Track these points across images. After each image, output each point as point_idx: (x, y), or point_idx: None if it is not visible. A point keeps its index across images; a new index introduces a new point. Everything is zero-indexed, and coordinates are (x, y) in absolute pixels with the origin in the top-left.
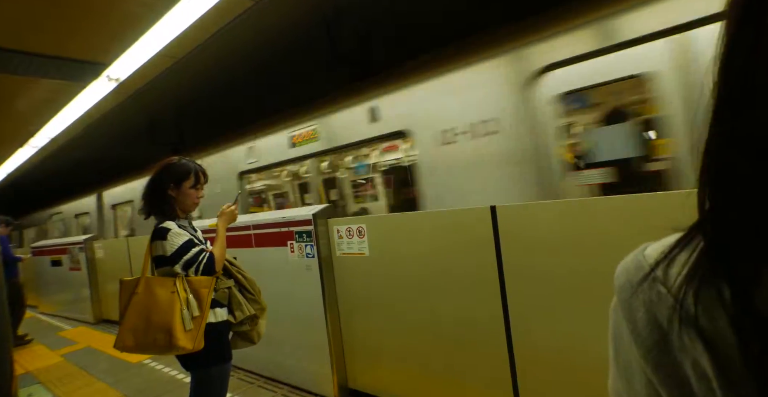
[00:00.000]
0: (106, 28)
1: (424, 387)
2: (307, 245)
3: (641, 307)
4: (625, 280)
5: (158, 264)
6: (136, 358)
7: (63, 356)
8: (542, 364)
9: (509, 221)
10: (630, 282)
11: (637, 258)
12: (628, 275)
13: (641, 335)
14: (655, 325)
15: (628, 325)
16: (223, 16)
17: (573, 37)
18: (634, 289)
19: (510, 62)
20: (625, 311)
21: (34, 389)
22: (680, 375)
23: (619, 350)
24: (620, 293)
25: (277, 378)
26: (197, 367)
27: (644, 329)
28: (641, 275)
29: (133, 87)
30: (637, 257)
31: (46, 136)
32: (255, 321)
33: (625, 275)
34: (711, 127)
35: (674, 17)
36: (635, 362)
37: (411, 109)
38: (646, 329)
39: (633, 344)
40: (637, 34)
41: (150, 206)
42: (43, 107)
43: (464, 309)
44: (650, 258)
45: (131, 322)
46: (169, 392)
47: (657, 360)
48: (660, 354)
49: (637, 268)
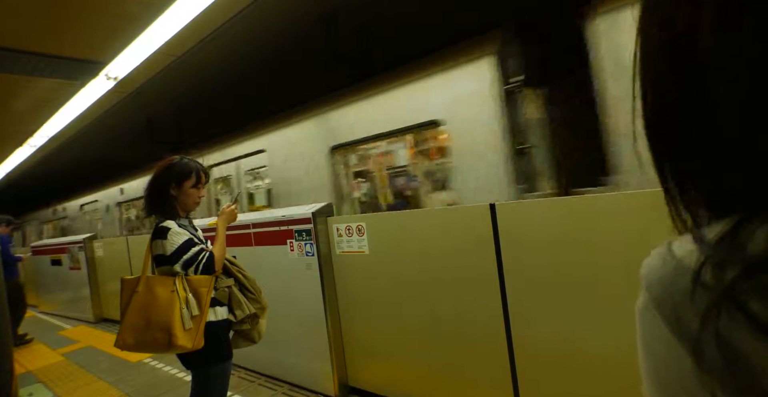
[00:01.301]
0: (104, 27)
1: (424, 384)
2: (306, 244)
3: (707, 325)
4: (659, 284)
5: (158, 263)
6: (136, 357)
7: (64, 355)
8: (542, 361)
9: (508, 219)
10: (666, 286)
11: (666, 259)
12: (662, 281)
13: (710, 358)
14: (725, 345)
15: (692, 350)
16: (222, 13)
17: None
18: (676, 297)
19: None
20: (672, 324)
21: (34, 389)
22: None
23: (658, 366)
24: (656, 300)
25: (278, 376)
26: (198, 365)
27: (712, 350)
28: (684, 281)
29: (132, 86)
30: (666, 258)
31: (44, 135)
32: (255, 320)
33: (658, 281)
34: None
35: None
36: (687, 381)
37: None
38: (716, 351)
39: (687, 359)
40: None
41: (151, 205)
42: (42, 106)
43: (464, 306)
44: (689, 256)
45: (132, 320)
46: (170, 391)
47: (733, 386)
48: (736, 379)
49: (673, 272)
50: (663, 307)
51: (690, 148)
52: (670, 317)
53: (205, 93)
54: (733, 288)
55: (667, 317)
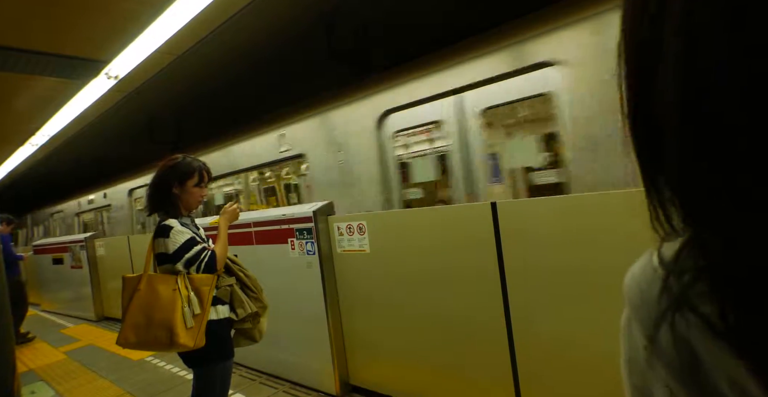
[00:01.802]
0: (104, 26)
1: (425, 383)
2: (307, 242)
3: (663, 323)
4: (638, 292)
5: (160, 261)
6: (138, 355)
7: (65, 354)
8: (543, 359)
9: (509, 217)
10: (644, 295)
11: (646, 267)
12: (640, 288)
13: (667, 354)
14: (681, 342)
15: (648, 343)
16: (223, 12)
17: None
18: (651, 304)
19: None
20: (645, 327)
21: (37, 387)
22: (717, 394)
23: (633, 370)
24: (635, 307)
25: (279, 375)
26: (199, 364)
27: (669, 347)
28: (657, 287)
29: (133, 85)
30: (646, 267)
31: (46, 134)
32: (257, 319)
33: (637, 287)
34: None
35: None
36: (658, 384)
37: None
38: (673, 348)
39: (656, 365)
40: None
41: (154, 203)
42: (43, 105)
43: (465, 305)
44: (661, 267)
45: (133, 318)
46: (171, 389)
47: (688, 381)
48: (691, 374)
49: (650, 279)
50: (640, 312)
51: (658, 154)
52: (645, 321)
53: (205, 92)
54: (686, 292)
55: (642, 321)
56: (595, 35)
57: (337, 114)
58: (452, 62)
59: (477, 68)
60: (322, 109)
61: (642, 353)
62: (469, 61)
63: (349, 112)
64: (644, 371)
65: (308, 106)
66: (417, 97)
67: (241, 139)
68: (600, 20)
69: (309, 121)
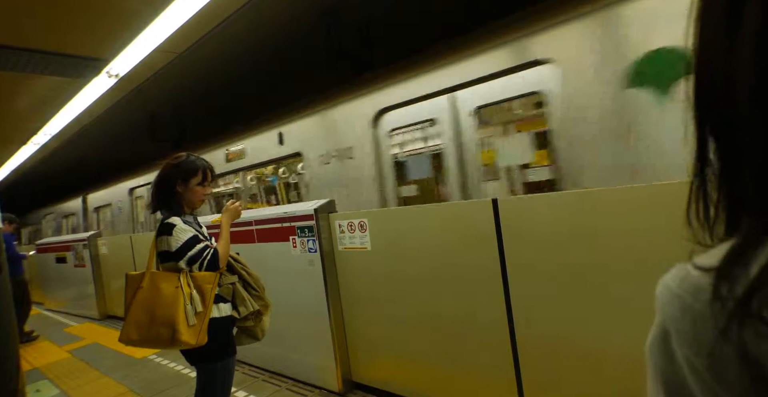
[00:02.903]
0: (105, 24)
1: (428, 380)
2: (309, 240)
3: (725, 336)
4: (678, 303)
5: (163, 259)
6: (141, 353)
7: (70, 352)
8: (545, 356)
9: (511, 214)
10: (686, 305)
11: (684, 277)
12: (681, 298)
13: (729, 371)
14: (747, 356)
15: (703, 364)
16: (223, 10)
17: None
18: (698, 315)
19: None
20: (695, 342)
21: (41, 385)
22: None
23: (673, 392)
24: (674, 320)
25: (282, 372)
26: (202, 361)
27: (733, 363)
28: (704, 297)
29: (134, 83)
30: (684, 277)
31: (48, 133)
32: (259, 317)
33: (676, 299)
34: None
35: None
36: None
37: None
38: (738, 364)
39: (713, 384)
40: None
41: (157, 201)
42: (44, 104)
43: (467, 302)
44: (707, 274)
45: (136, 316)
46: (175, 387)
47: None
48: (757, 393)
49: (693, 289)
50: (682, 325)
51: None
52: (692, 336)
53: (207, 90)
54: (749, 300)
55: (686, 336)
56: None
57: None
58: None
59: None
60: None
61: (689, 372)
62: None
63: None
64: (694, 393)
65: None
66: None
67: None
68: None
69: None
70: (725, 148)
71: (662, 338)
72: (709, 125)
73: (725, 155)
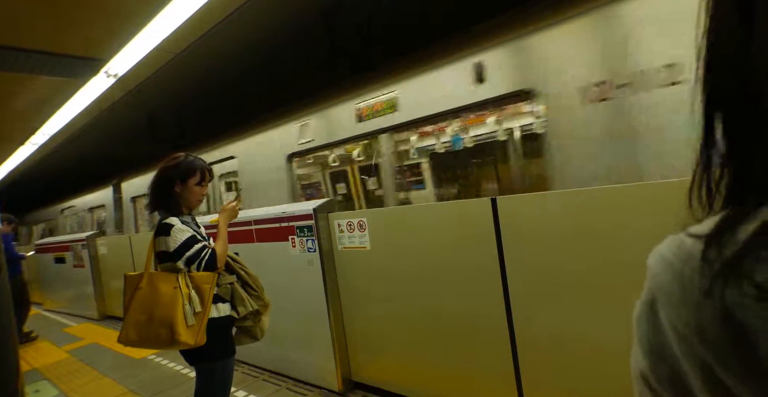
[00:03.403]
0: (103, 24)
1: (427, 379)
2: (308, 240)
3: (710, 296)
4: (669, 269)
5: (161, 259)
6: (141, 353)
7: (69, 352)
8: (544, 354)
9: (510, 213)
10: (676, 270)
11: (677, 245)
12: (671, 264)
13: (712, 330)
14: (729, 314)
15: (686, 325)
16: (222, 9)
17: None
18: (687, 279)
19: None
20: (681, 305)
21: (40, 386)
22: (763, 367)
23: (660, 357)
24: (664, 285)
25: (282, 372)
26: (201, 361)
27: (715, 322)
28: (695, 262)
29: (133, 83)
30: (677, 244)
31: (46, 133)
32: (258, 317)
33: (667, 264)
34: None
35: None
36: (694, 367)
37: None
38: (720, 322)
39: (696, 343)
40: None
41: (155, 201)
42: (43, 104)
43: (466, 301)
44: (699, 240)
45: (134, 316)
46: (174, 387)
47: (733, 357)
48: (738, 349)
49: (685, 255)
50: (671, 289)
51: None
52: (679, 299)
53: (207, 89)
54: (735, 262)
55: (673, 299)
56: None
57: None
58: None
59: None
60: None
61: (672, 335)
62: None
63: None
64: (676, 356)
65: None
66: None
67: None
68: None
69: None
70: (735, 128)
71: (649, 304)
72: (720, 107)
73: (735, 136)
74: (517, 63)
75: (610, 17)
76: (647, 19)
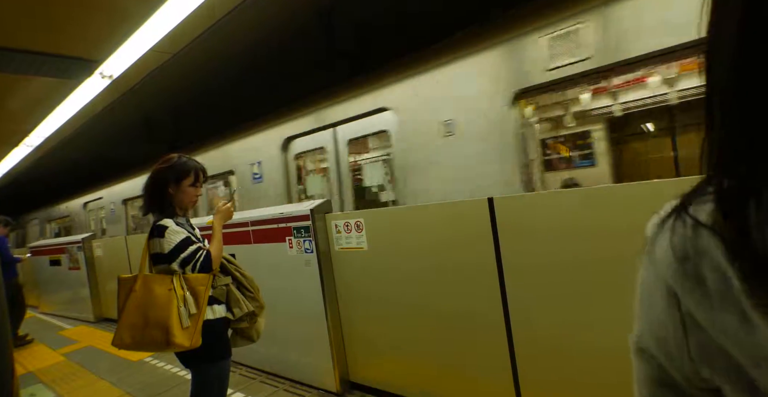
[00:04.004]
0: (98, 24)
1: (425, 379)
2: (305, 241)
3: (668, 233)
4: (657, 224)
5: (156, 261)
6: (137, 356)
7: (64, 356)
8: (542, 354)
9: (506, 213)
10: (657, 224)
11: (665, 208)
12: (659, 218)
13: (669, 255)
14: (681, 244)
15: (656, 256)
16: (217, 10)
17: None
18: (661, 226)
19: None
20: (652, 247)
21: (36, 389)
22: (700, 276)
23: (644, 287)
24: (650, 238)
25: (279, 373)
26: (197, 364)
27: (669, 250)
28: (665, 215)
29: (128, 84)
30: (666, 209)
31: (40, 135)
32: (254, 319)
33: (652, 226)
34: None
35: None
36: (658, 284)
37: None
38: (673, 250)
39: (662, 266)
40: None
41: (149, 203)
42: (37, 105)
43: (464, 301)
44: (678, 199)
45: (129, 319)
46: (170, 390)
47: (681, 270)
48: (683, 264)
49: (662, 214)
50: (654, 231)
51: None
52: (654, 242)
53: (203, 90)
54: (689, 201)
55: (652, 246)
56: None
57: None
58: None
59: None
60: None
61: (651, 269)
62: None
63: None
64: (662, 297)
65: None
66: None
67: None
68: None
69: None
70: (727, 113)
71: (647, 253)
72: (718, 89)
73: (726, 118)
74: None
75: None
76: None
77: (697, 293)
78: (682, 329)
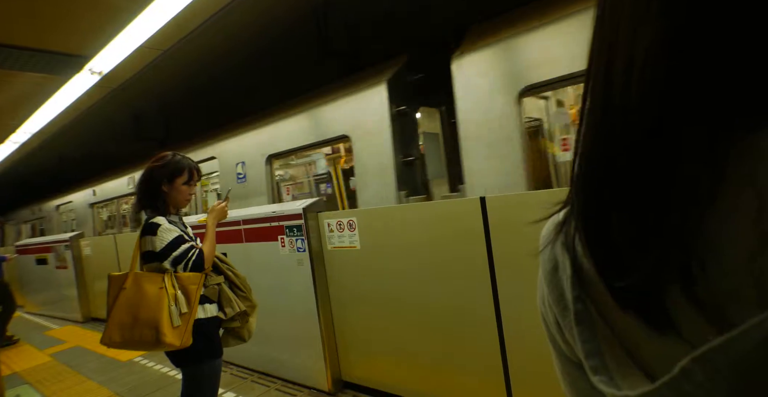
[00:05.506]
0: (87, 20)
1: (417, 378)
2: (297, 240)
3: (547, 251)
4: (545, 234)
5: (147, 259)
6: (126, 356)
7: (51, 356)
8: (533, 353)
9: (498, 211)
10: (544, 240)
11: (548, 226)
12: (546, 230)
13: (545, 267)
14: (552, 257)
15: (541, 269)
16: (209, 6)
17: None
18: (544, 244)
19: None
20: (541, 260)
21: (22, 390)
22: (560, 287)
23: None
24: (541, 245)
25: (271, 373)
26: (187, 363)
27: (546, 262)
28: (548, 234)
29: (117, 81)
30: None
31: (27, 131)
32: (245, 318)
33: (545, 231)
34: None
35: None
36: (545, 298)
37: None
38: (548, 262)
39: (543, 280)
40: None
41: (142, 200)
42: (24, 102)
43: (455, 300)
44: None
45: (119, 317)
46: (160, 390)
47: (550, 280)
48: (552, 276)
49: (546, 232)
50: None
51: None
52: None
53: (194, 88)
54: (565, 222)
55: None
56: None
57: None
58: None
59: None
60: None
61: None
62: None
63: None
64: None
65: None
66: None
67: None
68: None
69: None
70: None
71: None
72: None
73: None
74: None
75: None
76: None
77: (560, 306)
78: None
